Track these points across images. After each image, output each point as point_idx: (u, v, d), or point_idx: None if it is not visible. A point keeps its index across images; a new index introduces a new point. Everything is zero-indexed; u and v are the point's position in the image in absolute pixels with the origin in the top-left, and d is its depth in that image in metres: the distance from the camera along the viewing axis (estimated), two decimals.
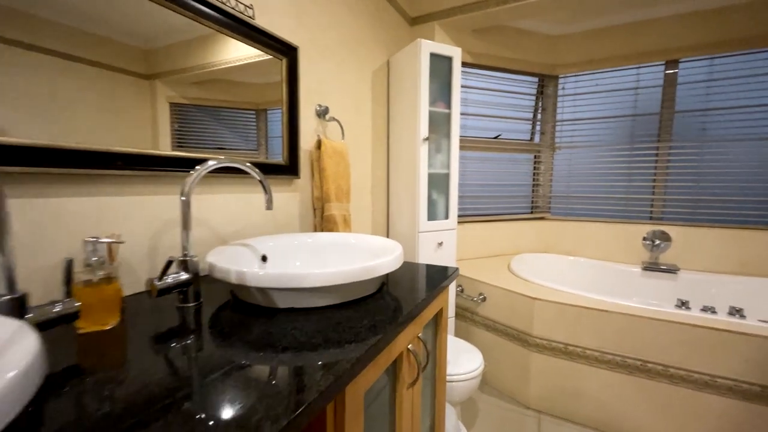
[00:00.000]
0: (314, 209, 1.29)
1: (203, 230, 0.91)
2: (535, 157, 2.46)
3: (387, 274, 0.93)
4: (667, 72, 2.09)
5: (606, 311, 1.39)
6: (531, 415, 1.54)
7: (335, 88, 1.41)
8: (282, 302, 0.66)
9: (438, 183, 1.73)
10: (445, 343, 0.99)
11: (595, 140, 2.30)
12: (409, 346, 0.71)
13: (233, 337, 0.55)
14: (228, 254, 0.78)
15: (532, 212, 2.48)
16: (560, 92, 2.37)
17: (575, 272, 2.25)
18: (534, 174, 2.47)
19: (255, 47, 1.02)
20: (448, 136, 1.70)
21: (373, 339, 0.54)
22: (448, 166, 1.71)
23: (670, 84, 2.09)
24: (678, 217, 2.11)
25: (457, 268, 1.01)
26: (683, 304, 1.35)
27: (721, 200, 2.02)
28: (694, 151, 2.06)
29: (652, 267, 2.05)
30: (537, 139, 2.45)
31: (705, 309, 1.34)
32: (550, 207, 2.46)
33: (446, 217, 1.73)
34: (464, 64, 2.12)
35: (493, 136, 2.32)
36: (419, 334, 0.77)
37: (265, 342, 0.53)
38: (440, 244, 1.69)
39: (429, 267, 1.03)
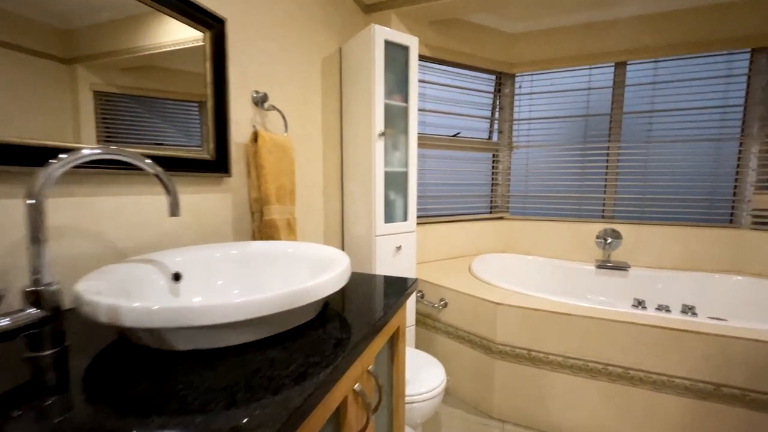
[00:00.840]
0: (252, 213, 1.10)
1: (92, 244, 0.70)
2: (493, 156, 2.43)
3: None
4: (616, 74, 2.14)
5: (568, 315, 1.35)
6: (495, 426, 1.47)
7: (278, 74, 1.23)
8: (181, 343, 0.49)
9: (396, 182, 1.60)
10: (402, 366, 0.86)
11: (551, 140, 2.31)
12: (355, 387, 0.57)
13: (98, 400, 0.38)
14: (118, 277, 0.59)
15: (491, 212, 2.45)
16: (517, 91, 2.35)
17: (534, 272, 2.24)
18: (493, 173, 2.44)
19: (178, 20, 0.83)
20: (405, 132, 1.58)
21: (300, 397, 0.39)
22: (406, 164, 1.59)
23: (618, 86, 2.14)
24: (628, 215, 2.17)
25: (415, 279, 0.89)
26: (639, 304, 1.34)
27: (666, 199, 2.10)
28: (642, 152, 2.13)
29: (604, 265, 2.08)
30: (495, 137, 2.42)
31: (660, 308, 1.34)
32: (509, 206, 2.45)
33: (405, 218, 1.61)
34: (422, 58, 2.02)
35: (453, 134, 2.25)
36: (370, 367, 0.63)
37: (141, 406, 0.36)
38: (399, 248, 1.57)
39: (385, 279, 0.89)
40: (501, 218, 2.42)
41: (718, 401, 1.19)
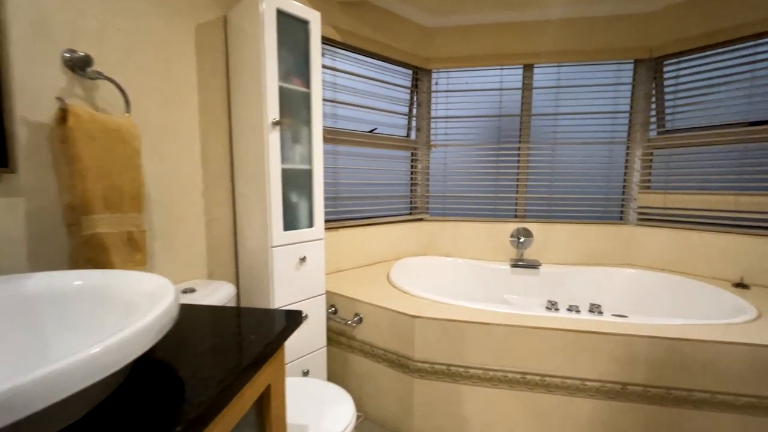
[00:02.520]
0: (69, 226, 0.77)
1: None
2: (412, 154, 2.32)
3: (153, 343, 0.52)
4: (524, 76, 2.19)
5: (487, 324, 1.26)
6: None
7: (116, 33, 0.90)
8: None
9: (297, 182, 1.36)
10: None
11: (468, 139, 2.29)
12: None
13: None
14: None
15: (411, 213, 2.34)
16: (434, 87, 2.28)
17: (454, 274, 2.18)
18: (411, 173, 2.33)
19: None
20: (308, 122, 1.35)
21: None
22: (310, 161, 1.36)
23: (527, 88, 2.19)
24: (537, 214, 2.24)
25: (299, 313, 0.66)
26: (552, 305, 1.31)
27: (569, 198, 2.21)
28: (548, 153, 2.21)
29: (518, 264, 2.11)
30: (413, 135, 2.32)
31: (570, 308, 1.33)
32: (429, 207, 2.37)
33: (310, 224, 1.38)
34: (331, 41, 1.80)
35: (369, 130, 2.07)
36: None
37: None
38: (303, 259, 1.33)
39: (251, 313, 0.65)
40: (421, 220, 2.33)
41: (624, 400, 1.19)
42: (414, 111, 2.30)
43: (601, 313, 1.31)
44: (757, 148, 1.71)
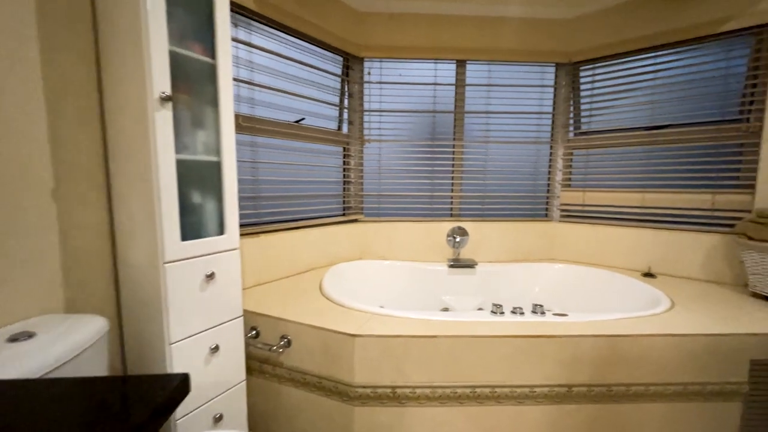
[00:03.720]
0: None
1: None
2: (344, 149, 2.13)
3: None
4: (458, 72, 2.15)
5: (433, 337, 1.13)
6: None
7: None
8: None
9: (202, 177, 1.07)
10: None
11: (402, 134, 2.17)
12: None
13: None
14: None
15: (345, 214, 2.15)
16: (366, 78, 2.11)
17: (391, 278, 2.05)
18: (344, 170, 2.13)
19: None
20: (214, 103, 1.06)
21: None
22: (218, 152, 1.07)
23: (460, 84, 2.15)
24: (472, 212, 2.23)
25: (186, 376, 0.43)
26: (497, 309, 1.24)
27: (500, 196, 2.23)
28: (481, 150, 2.21)
29: (455, 263, 2.06)
30: (345, 129, 2.12)
31: (515, 311, 1.27)
32: (363, 207, 2.20)
33: (221, 231, 1.10)
34: (245, 11, 1.51)
35: (295, 120, 1.82)
36: None
37: None
38: (211, 276, 1.04)
39: (93, 387, 0.40)
40: (355, 221, 2.14)
41: (570, 402, 1.17)
42: (346, 102, 2.10)
43: (543, 313, 1.27)
44: (659, 150, 1.90)
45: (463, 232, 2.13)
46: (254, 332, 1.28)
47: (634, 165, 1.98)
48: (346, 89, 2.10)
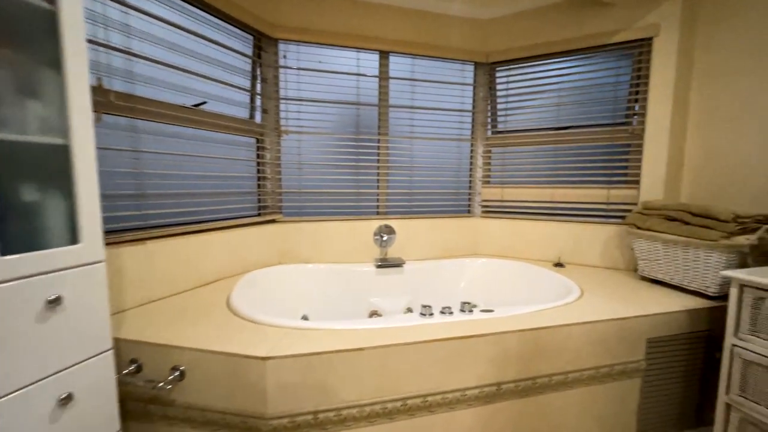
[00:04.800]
0: None
1: None
2: (258, 141, 1.88)
3: None
4: (381, 63, 2.06)
5: (361, 349, 1.01)
6: None
7: None
8: None
9: (37, 167, 0.78)
10: None
11: (324, 127, 2.00)
12: None
13: None
14: None
15: (260, 214, 1.90)
16: (282, 62, 1.89)
17: (316, 283, 1.88)
18: (259, 164, 1.89)
19: None
20: (56, 65, 0.78)
21: None
22: (64, 132, 0.79)
23: (384, 76, 2.06)
24: (399, 210, 2.17)
25: None
26: (427, 310, 1.17)
27: (426, 192, 2.21)
28: (407, 146, 2.15)
29: (383, 263, 1.97)
30: (259, 118, 1.88)
31: (444, 311, 1.22)
32: (282, 206, 1.98)
33: (72, 240, 0.82)
34: None
35: (194, 104, 1.53)
36: None
37: None
38: (55, 301, 0.76)
39: None
40: (273, 221, 1.92)
41: (500, 400, 1.15)
42: (258, 88, 1.86)
43: (471, 311, 1.24)
44: (564, 149, 2.05)
45: (390, 231, 2.05)
46: (134, 367, 1.01)
47: (544, 163, 2.12)
48: (258, 73, 1.85)
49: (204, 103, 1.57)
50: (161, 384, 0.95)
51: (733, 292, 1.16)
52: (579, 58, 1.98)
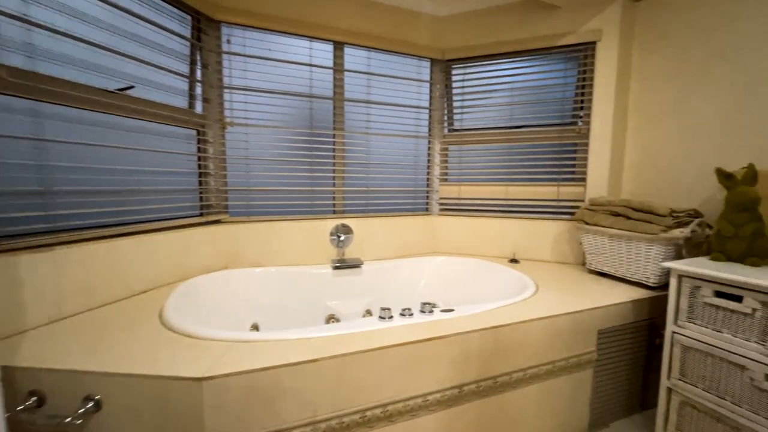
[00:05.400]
0: None
1: None
2: (199, 133, 1.70)
3: None
4: (336, 55, 1.96)
5: (314, 361, 0.91)
6: None
7: None
8: None
9: None
10: None
11: (275, 119, 1.86)
12: None
13: None
14: None
15: (202, 214, 1.72)
16: (225, 47, 1.73)
17: (267, 289, 1.74)
18: (200, 159, 1.71)
19: None
20: None
21: None
22: None
23: (338, 68, 1.97)
24: (356, 208, 2.08)
25: None
26: (386, 313, 1.11)
27: (384, 191, 2.15)
28: (363, 142, 2.08)
29: (340, 264, 1.88)
30: (200, 108, 1.70)
31: (404, 313, 1.16)
32: (228, 205, 1.81)
33: None
34: None
35: (119, 88, 1.33)
36: None
37: None
38: None
39: None
40: (218, 222, 1.74)
41: (462, 402, 1.11)
42: (199, 75, 1.68)
43: (432, 311, 1.20)
44: (518, 147, 2.10)
45: (347, 230, 1.96)
46: (34, 400, 0.83)
47: (499, 161, 2.16)
48: (198, 58, 1.67)
49: (131, 87, 1.37)
50: (69, 419, 0.79)
51: (673, 282, 1.22)
52: (530, 59, 2.04)
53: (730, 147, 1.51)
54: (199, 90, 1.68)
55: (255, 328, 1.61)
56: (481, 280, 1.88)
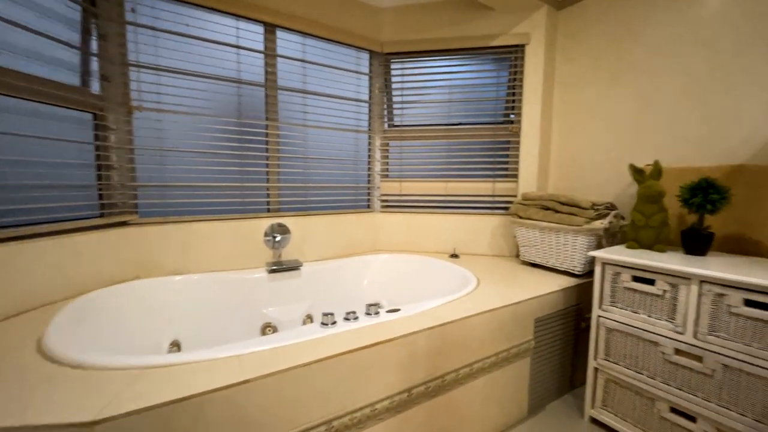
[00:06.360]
0: None
1: None
2: (96, 117, 1.42)
3: None
4: (267, 38, 1.79)
5: (245, 382, 0.78)
6: None
7: None
8: None
9: None
10: None
11: (195, 105, 1.64)
12: None
13: None
14: None
15: (103, 215, 1.44)
16: (129, 17, 1.46)
17: (191, 299, 1.52)
18: (100, 149, 1.42)
19: None
20: None
21: None
22: None
23: (270, 52, 1.80)
24: (293, 206, 1.94)
25: None
26: (328, 319, 1.02)
27: (324, 187, 2.04)
28: (301, 135, 1.94)
29: (277, 267, 1.73)
30: (97, 87, 1.41)
31: (348, 317, 1.08)
32: (137, 204, 1.54)
33: None
34: None
35: None
36: None
37: None
38: None
39: None
40: (124, 224, 1.48)
41: (411, 406, 1.07)
42: (95, 47, 1.40)
43: (377, 313, 1.13)
44: (456, 144, 2.13)
45: (284, 230, 1.81)
46: None
47: (438, 157, 2.18)
48: (93, 26, 1.39)
49: None
50: None
51: (598, 270, 1.32)
52: (466, 58, 2.08)
53: (637, 145, 1.70)
54: (96, 66, 1.40)
55: (176, 346, 1.40)
56: (424, 277, 1.88)
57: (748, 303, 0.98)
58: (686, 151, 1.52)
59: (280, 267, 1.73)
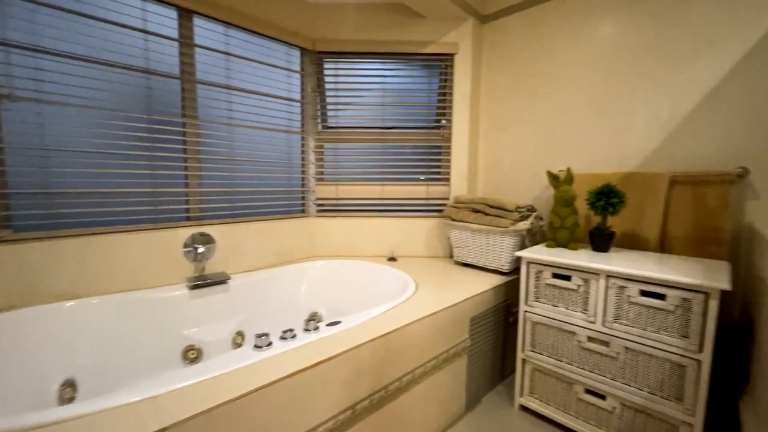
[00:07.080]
0: None
1: None
2: None
3: None
4: (182, 25, 1.59)
5: (176, 426, 0.67)
6: None
7: None
8: None
9: None
10: None
11: (92, 97, 1.38)
12: None
13: None
14: None
15: None
16: None
17: (87, 328, 1.27)
18: None
19: None
20: None
21: None
22: None
23: (187, 42, 1.61)
24: (217, 213, 1.76)
25: None
26: (262, 341, 0.94)
27: (253, 192, 1.89)
28: (225, 134, 1.76)
29: (200, 282, 1.55)
30: None
31: (284, 336, 1.01)
32: (12, 215, 1.25)
33: None
34: None
35: None
36: None
37: None
38: None
39: None
40: (2, 241, 1.18)
41: (356, 422, 1.03)
42: None
43: (317, 327, 1.07)
44: (390, 147, 2.14)
45: (207, 239, 1.63)
46: None
47: (373, 160, 2.17)
48: None
49: None
50: None
51: (523, 269, 1.43)
52: (399, 62, 2.10)
53: (553, 153, 1.88)
54: None
55: (69, 387, 1.16)
56: (364, 283, 1.85)
57: (643, 293, 1.14)
58: (592, 158, 1.72)
59: (203, 282, 1.55)
